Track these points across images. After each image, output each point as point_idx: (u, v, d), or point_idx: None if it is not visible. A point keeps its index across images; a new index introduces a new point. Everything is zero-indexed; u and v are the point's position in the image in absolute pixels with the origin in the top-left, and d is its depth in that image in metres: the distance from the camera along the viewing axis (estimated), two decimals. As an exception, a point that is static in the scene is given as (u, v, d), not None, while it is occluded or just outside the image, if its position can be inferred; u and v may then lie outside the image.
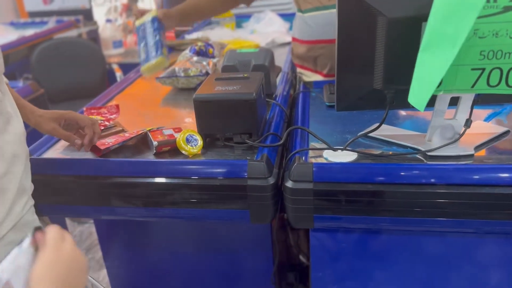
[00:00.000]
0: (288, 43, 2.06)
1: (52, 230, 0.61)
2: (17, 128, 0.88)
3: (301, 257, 1.61)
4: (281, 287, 1.38)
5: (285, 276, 1.50)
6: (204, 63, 1.49)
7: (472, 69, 0.79)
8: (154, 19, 1.44)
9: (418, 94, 0.79)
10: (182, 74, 1.44)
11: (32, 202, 0.93)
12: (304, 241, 1.58)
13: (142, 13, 1.52)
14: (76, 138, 1.01)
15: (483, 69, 0.79)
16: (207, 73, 1.45)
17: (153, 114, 1.34)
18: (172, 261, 1.23)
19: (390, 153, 0.94)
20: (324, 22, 1.40)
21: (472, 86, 0.80)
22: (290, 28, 2.36)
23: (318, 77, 1.52)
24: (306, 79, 1.55)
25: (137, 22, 1.46)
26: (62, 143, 1.12)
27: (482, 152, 0.93)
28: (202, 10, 1.63)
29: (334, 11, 1.36)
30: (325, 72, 1.49)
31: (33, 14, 3.56)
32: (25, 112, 0.98)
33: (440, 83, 0.79)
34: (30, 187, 0.92)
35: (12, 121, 0.87)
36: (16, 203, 0.85)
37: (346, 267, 1.02)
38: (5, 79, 0.97)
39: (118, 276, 1.32)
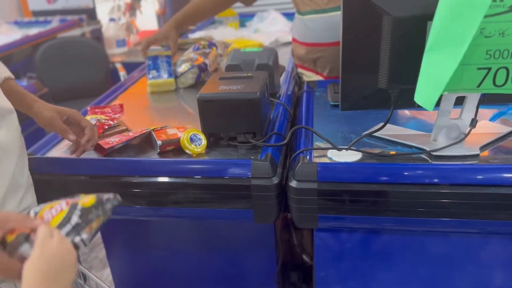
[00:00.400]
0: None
1: (41, 229, 0.64)
2: (11, 123, 0.88)
3: (305, 257, 1.61)
4: (284, 287, 1.38)
5: (288, 275, 1.50)
6: (201, 52, 1.52)
7: (478, 69, 0.78)
8: (168, 56, 1.51)
9: (425, 94, 0.79)
10: (177, 74, 1.47)
11: (32, 198, 0.92)
12: (308, 241, 1.58)
13: (150, 41, 1.57)
14: (72, 133, 0.97)
15: (489, 69, 0.78)
16: (201, 66, 1.46)
17: (157, 113, 1.34)
18: (176, 260, 1.23)
19: (394, 152, 0.94)
20: (324, 26, 1.40)
21: (478, 86, 0.80)
22: (294, 27, 2.36)
23: (318, 78, 1.51)
24: (307, 79, 1.55)
25: (149, 53, 1.51)
26: (66, 143, 1.12)
27: (488, 152, 0.93)
28: (201, 13, 1.69)
29: (333, 14, 1.38)
30: (325, 74, 1.49)
31: (37, 13, 3.57)
32: (27, 101, 0.97)
33: (445, 83, 0.79)
34: (26, 183, 0.91)
35: (6, 116, 0.87)
36: (9, 200, 0.85)
37: (350, 267, 1.02)
38: (8, 74, 0.97)
39: (122, 275, 1.32)
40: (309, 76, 1.55)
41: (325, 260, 1.02)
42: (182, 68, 1.47)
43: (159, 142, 0.99)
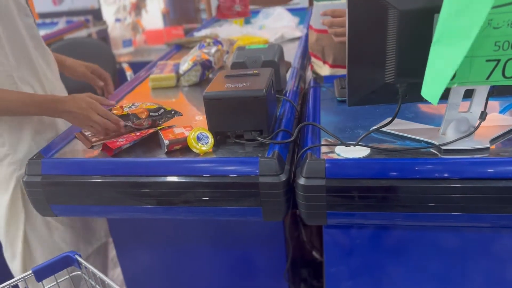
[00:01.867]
0: (298, 38, 2.05)
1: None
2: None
3: (314, 253, 1.61)
4: (294, 283, 1.38)
5: (298, 272, 1.50)
6: (206, 51, 1.51)
7: (487, 61, 0.77)
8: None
9: (431, 87, 0.78)
10: (180, 72, 1.48)
11: None
12: (317, 237, 1.57)
13: None
14: (99, 81, 1.38)
15: (498, 60, 0.77)
16: (204, 63, 1.46)
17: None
18: (186, 258, 1.23)
19: (404, 147, 0.93)
20: None
21: (487, 78, 0.79)
22: (300, 22, 2.34)
23: (326, 68, 1.51)
24: (317, 68, 1.55)
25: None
26: (74, 143, 1.12)
27: (498, 145, 0.91)
28: None
29: (344, 2, 1.36)
30: (330, 62, 1.48)
31: (43, 15, 3.59)
32: (61, 59, 1.35)
33: (454, 76, 0.78)
34: None
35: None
36: None
37: (360, 263, 1.01)
38: None
39: (133, 274, 1.32)
40: (319, 65, 1.55)
41: (335, 257, 1.02)
42: (185, 66, 1.47)
43: (166, 142, 0.99)
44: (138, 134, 1.06)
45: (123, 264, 1.32)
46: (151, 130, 1.07)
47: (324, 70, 1.53)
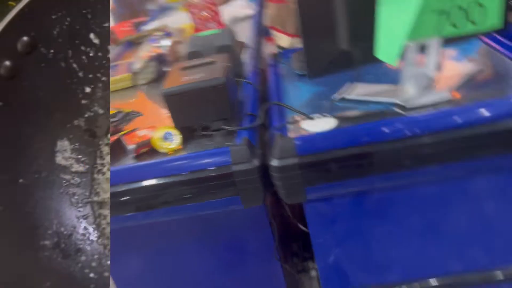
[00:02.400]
0: (250, 16, 2.01)
1: None
2: None
3: (301, 226, 1.62)
4: (286, 260, 1.39)
5: (289, 247, 1.51)
6: (157, 44, 1.48)
7: (434, 13, 0.77)
8: None
9: (387, 48, 0.78)
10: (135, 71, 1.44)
11: None
12: (301, 210, 1.58)
13: None
14: None
15: (445, 11, 0.77)
16: (158, 58, 1.43)
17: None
18: (175, 258, 1.22)
19: (369, 112, 0.93)
20: None
21: (437, 31, 0.79)
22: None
23: (287, 39, 1.49)
24: (280, 41, 1.53)
25: None
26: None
27: (460, 94, 0.93)
28: None
29: None
30: (291, 32, 1.46)
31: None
32: None
33: (405, 33, 0.77)
34: None
35: None
36: None
37: (344, 230, 1.03)
38: None
39: (124, 282, 1.31)
40: (280, 37, 1.53)
41: (320, 229, 1.03)
42: (139, 63, 1.43)
43: (132, 147, 0.97)
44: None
45: (112, 274, 1.30)
46: (115, 137, 1.04)
47: (286, 40, 1.51)
